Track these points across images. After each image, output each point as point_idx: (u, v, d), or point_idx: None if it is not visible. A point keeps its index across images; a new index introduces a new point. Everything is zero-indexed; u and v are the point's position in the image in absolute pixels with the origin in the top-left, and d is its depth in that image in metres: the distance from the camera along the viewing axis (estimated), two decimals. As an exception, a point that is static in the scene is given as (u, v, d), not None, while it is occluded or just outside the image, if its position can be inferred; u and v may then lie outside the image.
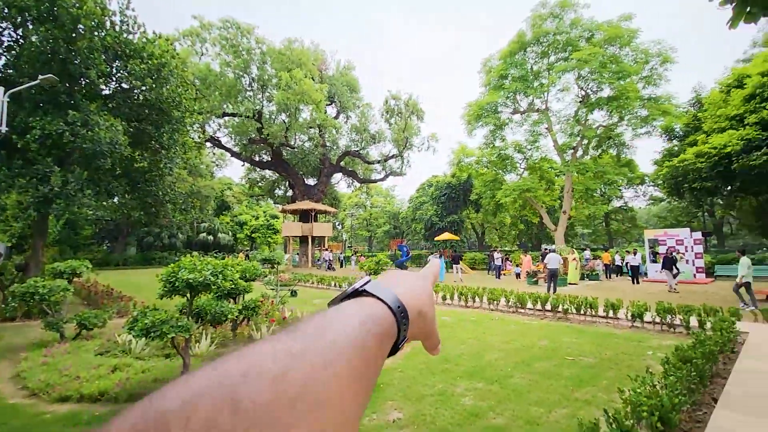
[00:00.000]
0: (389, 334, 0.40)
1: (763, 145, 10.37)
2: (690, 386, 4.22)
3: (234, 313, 6.32)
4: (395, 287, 0.45)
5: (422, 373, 5.56)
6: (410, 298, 0.45)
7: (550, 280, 14.28)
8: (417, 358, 6.29)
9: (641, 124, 24.15)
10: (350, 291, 0.44)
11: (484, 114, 27.69)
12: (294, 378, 0.28)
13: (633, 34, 23.35)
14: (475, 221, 39.83)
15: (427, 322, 0.49)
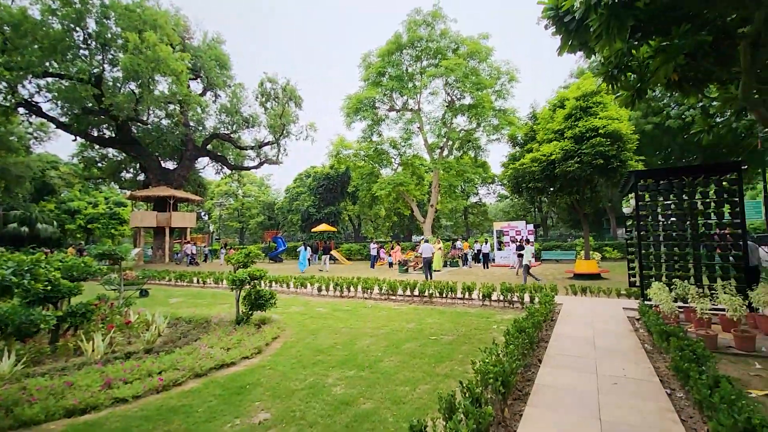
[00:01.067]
0: None
1: (575, 155, 12.94)
2: (524, 351, 5.00)
3: (51, 322, 5.02)
4: None
5: (294, 367, 5.33)
6: None
7: (427, 268, 15.34)
8: (289, 352, 6.03)
9: (493, 132, 28.23)
10: None
11: (363, 108, 28.36)
12: None
13: (489, 52, 26.91)
14: (352, 213, 40.75)
15: None
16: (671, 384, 4.31)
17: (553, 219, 45.86)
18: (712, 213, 7.77)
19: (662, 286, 6.66)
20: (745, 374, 4.64)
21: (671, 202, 8.22)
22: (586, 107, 13.68)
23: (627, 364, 4.87)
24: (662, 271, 8.29)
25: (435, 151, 28.97)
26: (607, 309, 8.58)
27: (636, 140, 13.78)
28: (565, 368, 4.80)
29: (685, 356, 4.06)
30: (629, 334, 6.40)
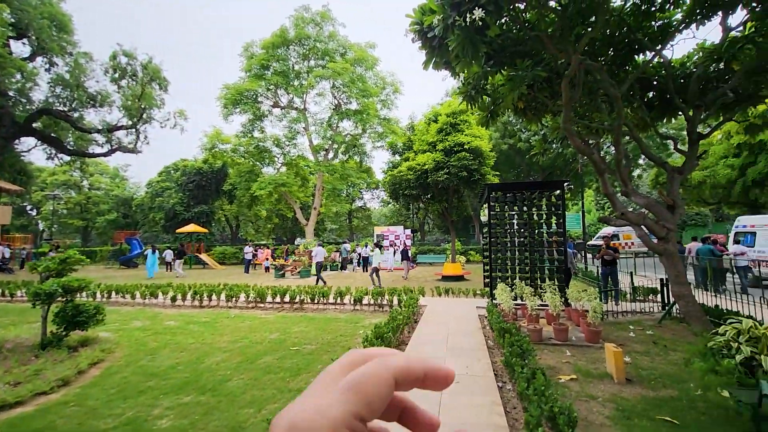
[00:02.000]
0: None
1: (445, 167, 14.04)
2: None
3: None
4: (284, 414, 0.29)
5: (111, 399, 4.35)
6: None
7: (319, 271, 14.70)
8: (110, 380, 4.95)
9: (378, 139, 29.26)
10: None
11: (243, 100, 26.40)
12: None
13: (375, 61, 27.81)
14: (229, 213, 37.53)
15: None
16: (503, 377, 4.78)
17: (429, 224, 49.70)
18: (544, 223, 9.15)
19: (505, 287, 7.53)
20: (559, 362, 5.44)
21: (515, 213, 9.43)
22: (455, 123, 15.04)
23: (471, 361, 5.26)
24: (507, 273, 9.45)
25: (320, 153, 28.62)
26: (463, 308, 9.38)
27: (494, 157, 15.72)
28: (416, 371, 4.92)
29: (514, 352, 4.53)
30: (477, 332, 7.03)
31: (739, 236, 13.94)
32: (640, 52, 8.39)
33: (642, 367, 5.17)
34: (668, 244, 7.01)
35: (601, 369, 5.08)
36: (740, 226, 14.06)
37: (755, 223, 13.59)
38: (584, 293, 7.12)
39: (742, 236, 13.82)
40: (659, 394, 4.28)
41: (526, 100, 9.03)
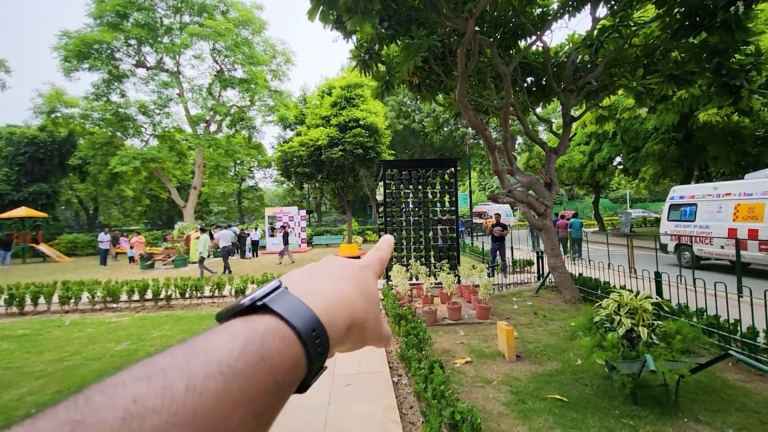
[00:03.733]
0: (288, 370, 0.28)
1: (340, 143, 13.24)
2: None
3: None
4: (314, 294, 0.33)
5: None
6: (337, 309, 0.34)
7: (225, 258, 12.87)
8: None
9: (269, 112, 26.77)
10: (246, 304, 0.30)
11: (94, 55, 21.42)
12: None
13: (263, 25, 25.06)
14: (83, 194, 30.97)
15: (366, 330, 0.37)
16: (399, 370, 4.35)
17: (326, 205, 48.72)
18: (438, 202, 9.11)
19: (401, 268, 7.22)
20: (454, 344, 5.27)
21: (410, 191, 9.19)
22: (350, 98, 14.27)
23: (364, 356, 4.72)
24: (403, 252, 9.23)
25: (200, 125, 25.11)
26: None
27: (389, 135, 15.45)
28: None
29: (410, 342, 4.10)
30: (372, 318, 6.57)
31: (674, 210, 12.03)
32: (522, 38, 8.69)
33: (528, 341, 5.28)
34: (546, 220, 7.47)
35: (493, 347, 5.03)
36: (676, 198, 12.02)
37: (695, 193, 11.45)
38: (475, 270, 7.19)
39: (678, 209, 11.90)
40: (546, 369, 4.31)
41: (420, 75, 8.72)
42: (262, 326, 0.28)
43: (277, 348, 0.28)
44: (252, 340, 0.27)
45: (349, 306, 0.35)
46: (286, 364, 0.28)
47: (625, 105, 16.57)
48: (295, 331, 0.29)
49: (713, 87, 7.83)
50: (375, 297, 0.39)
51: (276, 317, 0.30)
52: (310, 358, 0.30)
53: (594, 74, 7.90)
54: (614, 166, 25.91)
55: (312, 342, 0.30)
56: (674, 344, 3.10)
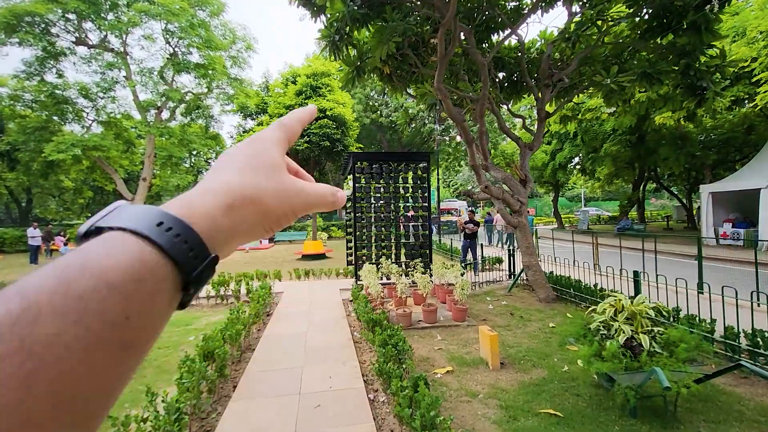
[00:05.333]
0: (127, 268, 0.24)
1: (305, 135, 12.51)
2: (208, 387, 3.50)
3: None
4: (179, 198, 0.30)
5: None
6: (207, 195, 0.30)
7: None
8: None
9: (228, 101, 25.16)
10: (81, 231, 0.27)
11: (25, 28, 19.09)
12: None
13: (222, 7, 23.46)
14: (13, 183, 27.84)
15: (264, 203, 0.32)
16: (374, 384, 3.88)
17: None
18: (410, 197, 8.71)
19: (372, 267, 6.74)
20: (431, 350, 4.88)
21: (381, 186, 8.71)
22: (316, 87, 13.56)
23: (335, 368, 4.21)
24: (373, 250, 8.75)
25: (150, 112, 23.20)
26: (325, 293, 8.34)
27: (358, 128, 14.86)
28: (262, 399, 3.60)
29: (389, 354, 3.64)
30: (342, 323, 6.06)
31: None
32: (496, 32, 8.45)
33: (508, 345, 4.99)
34: (521, 217, 7.28)
35: (474, 353, 4.69)
36: None
37: None
38: (449, 270, 6.87)
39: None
40: (533, 378, 4.02)
41: (392, 64, 8.26)
42: (91, 242, 0.25)
43: (104, 251, 0.24)
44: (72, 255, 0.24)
45: (223, 187, 0.31)
46: (123, 264, 0.24)
47: (588, 105, 17.02)
48: (128, 230, 0.26)
49: (679, 88, 7.95)
50: (271, 165, 0.34)
51: (126, 233, 0.26)
52: (164, 250, 0.26)
53: (568, 70, 7.80)
54: (573, 166, 26.89)
55: (162, 236, 0.26)
56: (678, 353, 2.86)
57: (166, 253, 0.26)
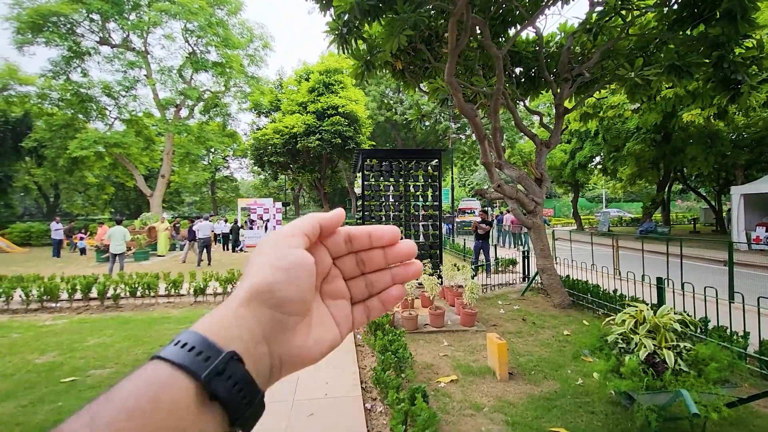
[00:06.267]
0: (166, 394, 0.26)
1: (317, 131, 12.39)
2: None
3: None
4: None
5: None
6: (230, 299, 0.32)
7: (202, 251, 12.59)
8: None
9: (245, 99, 25.37)
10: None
11: (50, 28, 19.66)
12: None
13: (239, 5, 23.65)
14: (41, 179, 28.82)
15: (282, 295, 0.32)
16: (373, 393, 3.68)
17: (305, 198, 47.53)
18: (420, 195, 8.46)
19: (378, 267, 6.53)
20: (436, 356, 4.64)
21: (390, 184, 8.49)
22: (329, 83, 13.43)
23: (333, 373, 4.02)
24: (381, 250, 8.51)
25: (169, 110, 23.59)
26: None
27: (371, 125, 14.67)
28: (254, 402, 3.44)
29: (387, 361, 3.43)
30: (346, 323, 5.88)
31: None
32: (513, 25, 8.11)
33: (519, 353, 4.71)
34: (536, 218, 6.94)
35: (481, 361, 4.43)
36: None
37: None
38: (460, 272, 6.60)
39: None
40: (543, 391, 3.74)
41: (404, 59, 8.04)
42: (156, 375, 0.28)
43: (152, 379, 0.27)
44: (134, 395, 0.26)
45: (246, 283, 0.32)
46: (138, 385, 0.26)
47: (611, 102, 16.35)
48: (161, 358, 0.28)
49: (711, 82, 7.45)
50: (289, 259, 0.33)
51: (167, 364, 0.28)
52: (189, 370, 0.27)
53: (589, 63, 7.40)
54: (594, 166, 26.01)
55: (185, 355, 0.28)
56: (708, 373, 2.55)
57: (175, 365, 0.27)
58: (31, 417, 3.36)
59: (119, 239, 10.18)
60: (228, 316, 0.31)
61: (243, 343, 0.30)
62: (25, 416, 3.38)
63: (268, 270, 0.32)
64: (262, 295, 0.31)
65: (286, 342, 0.33)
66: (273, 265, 0.32)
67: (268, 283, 0.32)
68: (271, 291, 0.31)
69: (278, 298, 0.32)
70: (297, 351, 0.34)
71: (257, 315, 0.31)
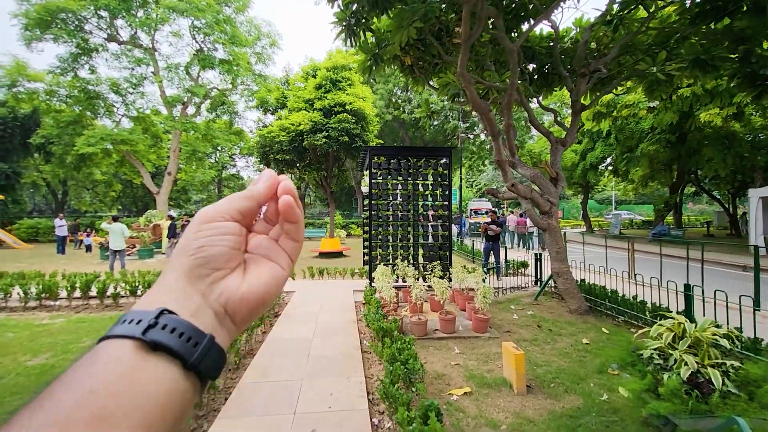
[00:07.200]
0: (117, 360, 0.29)
1: (324, 129, 12.15)
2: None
3: None
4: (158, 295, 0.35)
5: None
6: (167, 272, 0.37)
7: None
8: None
9: (251, 97, 25.28)
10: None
11: (58, 24, 19.66)
12: None
13: (247, 3, 23.54)
14: (49, 176, 28.95)
15: (214, 255, 0.37)
16: (380, 405, 3.41)
17: (311, 196, 47.37)
18: (429, 195, 8.18)
19: (386, 270, 6.28)
20: (447, 365, 4.37)
21: (399, 183, 8.22)
22: (336, 80, 13.17)
23: (337, 383, 3.76)
24: (389, 250, 8.27)
25: (176, 107, 23.53)
26: (338, 293, 7.94)
27: (378, 124, 14.41)
28: (250, 417, 3.19)
29: (396, 372, 3.16)
30: (351, 328, 5.62)
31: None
32: (526, 20, 7.79)
33: (536, 363, 4.42)
34: (552, 219, 6.62)
35: (496, 372, 4.14)
36: None
37: None
38: (471, 274, 6.31)
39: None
40: (565, 407, 3.44)
41: (414, 54, 7.76)
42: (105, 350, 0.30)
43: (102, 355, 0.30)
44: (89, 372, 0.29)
45: (179, 260, 0.36)
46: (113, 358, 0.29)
47: (625, 101, 15.92)
48: (104, 338, 0.31)
49: (736, 78, 7.07)
50: (212, 226, 0.38)
51: (113, 338, 0.31)
52: (124, 335, 0.30)
53: (607, 58, 7.07)
54: (605, 167, 25.49)
55: (121, 326, 0.31)
56: (761, 396, 2.25)
57: (112, 337, 0.30)
58: (14, 426, 3.14)
59: (118, 236, 10.02)
60: (156, 289, 0.35)
61: (174, 302, 0.33)
62: (8, 425, 3.16)
63: (190, 243, 0.37)
64: (185, 263, 0.36)
65: (221, 289, 0.36)
66: (194, 239, 0.37)
67: (192, 251, 0.36)
68: (195, 258, 0.36)
69: (202, 259, 0.36)
70: (237, 293, 0.36)
71: (184, 277, 0.35)
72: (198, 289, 0.35)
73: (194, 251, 0.36)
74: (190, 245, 0.36)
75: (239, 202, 0.40)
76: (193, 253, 0.36)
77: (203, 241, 0.36)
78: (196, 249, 0.36)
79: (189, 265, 0.35)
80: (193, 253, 0.36)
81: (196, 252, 0.36)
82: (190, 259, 0.35)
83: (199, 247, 0.36)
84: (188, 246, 0.36)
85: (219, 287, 0.36)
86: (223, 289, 0.36)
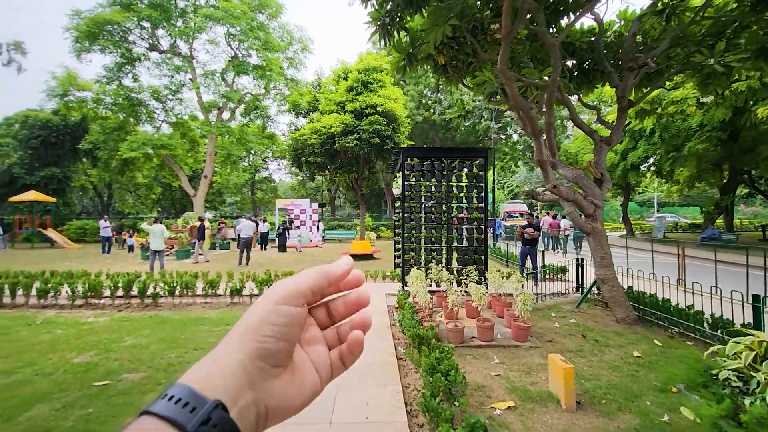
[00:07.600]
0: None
1: (355, 131, 12.14)
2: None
3: None
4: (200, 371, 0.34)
5: None
6: (209, 361, 0.35)
7: (243, 250, 12.77)
8: None
9: (284, 101, 25.83)
10: None
11: (105, 36, 20.82)
12: None
13: (280, 9, 24.11)
14: (96, 180, 30.73)
15: (268, 352, 0.36)
16: (419, 417, 3.26)
17: (341, 198, 47.81)
18: (465, 197, 7.95)
19: (420, 274, 6.11)
20: (488, 375, 4.15)
21: (432, 184, 8.04)
22: (367, 82, 13.16)
23: (373, 392, 3.64)
24: (422, 254, 8.10)
25: (212, 112, 24.38)
26: (370, 297, 7.83)
27: (408, 124, 14.27)
28: (283, 428, 3.12)
29: (437, 385, 3.00)
30: (386, 333, 5.49)
31: None
32: (565, 14, 7.43)
33: (584, 377, 4.12)
34: (596, 223, 6.25)
35: (541, 384, 3.89)
36: None
37: None
38: (507, 279, 6.04)
39: None
40: (620, 427, 3.16)
41: (448, 53, 7.57)
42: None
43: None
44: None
45: (239, 331, 0.36)
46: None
47: (672, 97, 14.97)
48: (150, 413, 0.30)
49: (805, 70, 6.44)
50: (287, 319, 0.37)
51: (156, 418, 0.30)
52: (175, 421, 0.29)
53: (657, 51, 6.60)
54: (647, 167, 24.12)
55: (173, 408, 0.30)
56: None
57: (162, 418, 0.29)
58: (61, 422, 3.22)
59: (158, 237, 10.40)
60: (216, 366, 0.33)
61: (228, 392, 0.32)
62: (56, 420, 3.25)
63: (263, 327, 0.36)
64: (252, 347, 0.35)
65: (271, 390, 0.35)
66: (268, 321, 0.36)
67: (261, 338, 0.35)
68: (262, 346, 0.35)
69: (268, 350, 0.35)
70: (281, 399, 0.36)
71: (244, 364, 0.34)
72: (252, 382, 0.34)
73: (262, 340, 0.35)
74: (262, 328, 0.35)
75: (314, 278, 0.39)
76: (262, 341, 0.35)
77: (274, 331, 0.35)
78: (264, 338, 0.35)
79: (254, 352, 0.34)
80: (261, 341, 0.35)
81: (264, 341, 0.35)
82: (257, 345, 0.35)
83: (267, 336, 0.35)
84: (260, 328, 0.35)
85: (269, 387, 0.35)
86: (273, 392, 0.35)
